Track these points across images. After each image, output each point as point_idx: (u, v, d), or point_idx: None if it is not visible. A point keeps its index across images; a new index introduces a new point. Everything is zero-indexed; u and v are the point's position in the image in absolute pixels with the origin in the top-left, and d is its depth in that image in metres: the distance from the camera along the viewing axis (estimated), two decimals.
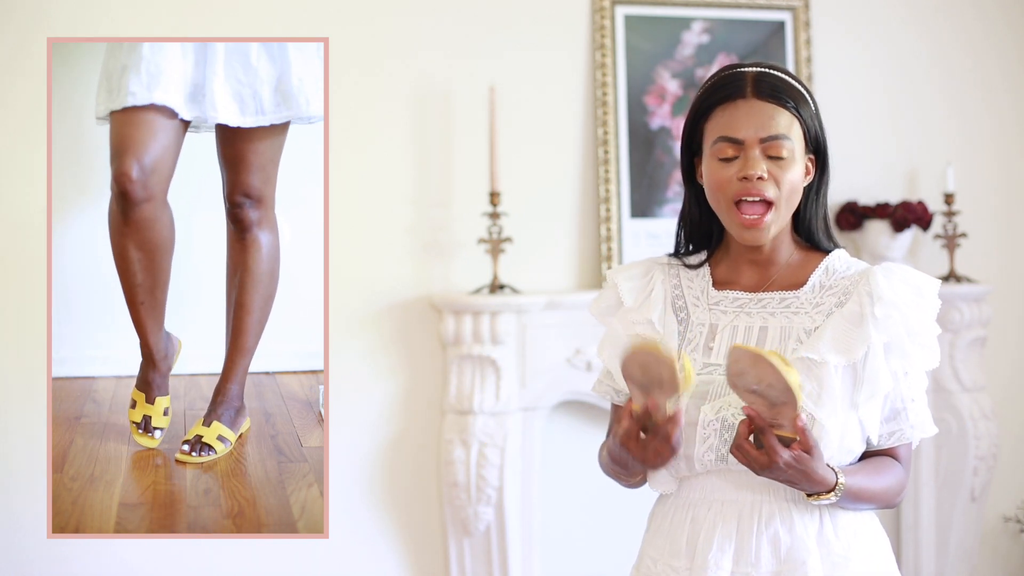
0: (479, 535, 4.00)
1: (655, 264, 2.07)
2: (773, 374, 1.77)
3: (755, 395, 1.80)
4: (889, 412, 1.96)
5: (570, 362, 4.04)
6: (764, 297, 1.99)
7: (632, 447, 1.86)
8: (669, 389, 1.81)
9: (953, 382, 4.39)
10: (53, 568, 3.76)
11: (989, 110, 4.62)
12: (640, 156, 4.21)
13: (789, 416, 1.80)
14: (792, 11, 4.39)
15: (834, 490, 1.88)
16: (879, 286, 1.93)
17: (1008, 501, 4.59)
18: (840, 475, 1.88)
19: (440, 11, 4.09)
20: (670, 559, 1.97)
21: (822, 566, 1.91)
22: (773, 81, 1.96)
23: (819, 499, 1.88)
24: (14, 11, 3.76)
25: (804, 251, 2.03)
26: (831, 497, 1.88)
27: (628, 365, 1.83)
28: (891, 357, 1.93)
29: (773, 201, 1.94)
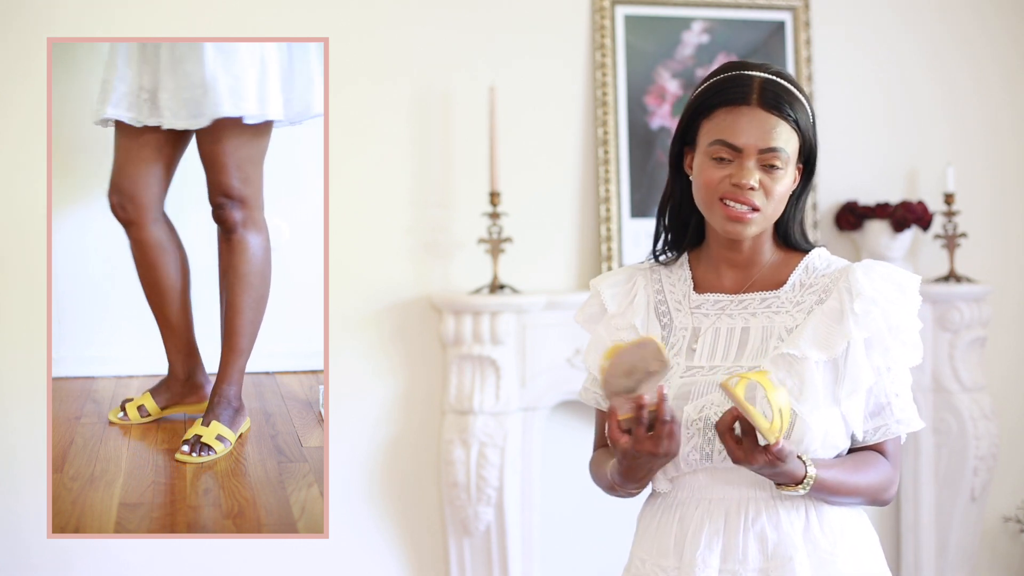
0: (479, 535, 4.00)
1: (637, 271, 2.09)
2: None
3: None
4: (874, 407, 1.97)
5: (570, 362, 4.04)
6: (745, 298, 2.01)
7: (643, 448, 1.87)
8: (657, 368, 1.84)
9: (953, 382, 4.39)
10: (53, 568, 3.76)
11: (989, 110, 4.62)
12: (640, 156, 4.21)
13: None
14: (792, 11, 4.39)
15: (802, 482, 1.88)
16: (859, 282, 1.95)
17: (1008, 501, 4.59)
18: (810, 467, 1.89)
19: (440, 11, 4.09)
20: (659, 559, 1.98)
21: (809, 562, 1.92)
22: (778, 91, 1.96)
23: (787, 490, 1.90)
24: (15, 11, 3.76)
25: (783, 251, 2.05)
26: (799, 490, 1.89)
27: (613, 376, 1.84)
28: (872, 353, 1.94)
29: (760, 209, 1.96)
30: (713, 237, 2.04)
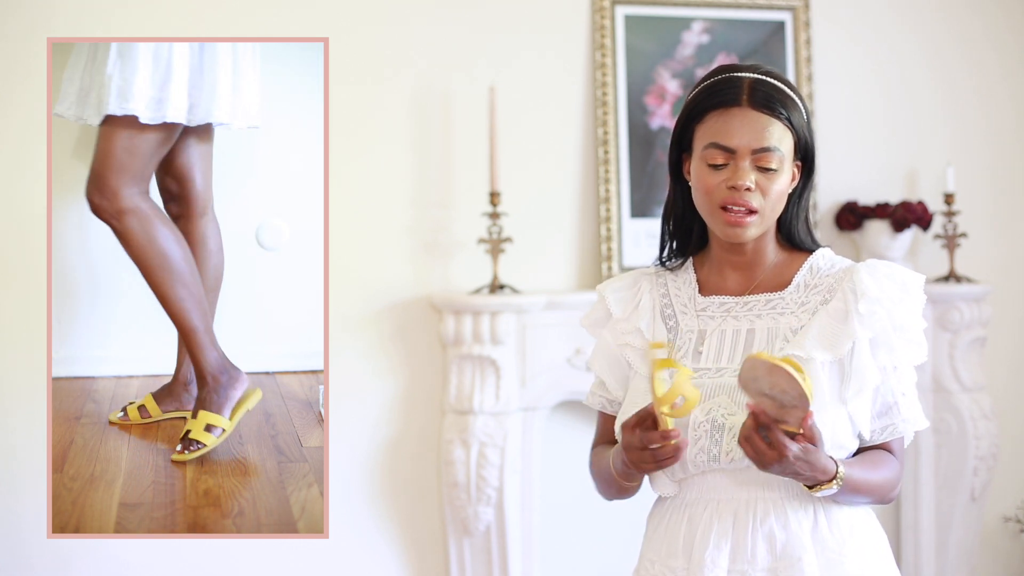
0: (479, 535, 4.00)
1: (642, 275, 2.10)
2: (788, 381, 1.79)
3: (766, 397, 1.82)
4: (881, 407, 1.97)
5: (570, 362, 4.04)
6: (750, 300, 2.02)
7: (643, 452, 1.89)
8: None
9: (953, 382, 4.39)
10: (53, 568, 3.76)
11: (989, 110, 4.62)
12: (640, 156, 4.21)
13: (798, 416, 1.82)
14: (792, 11, 4.39)
15: (835, 479, 1.88)
16: (863, 282, 1.95)
17: (1008, 501, 4.59)
18: (840, 465, 1.89)
19: (440, 10, 4.09)
20: (667, 559, 1.99)
21: (817, 562, 1.93)
22: (768, 90, 1.97)
23: (820, 490, 1.89)
24: (15, 11, 3.76)
25: (788, 252, 2.05)
26: (832, 487, 1.89)
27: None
28: (878, 352, 1.95)
29: (758, 210, 1.96)
30: (716, 240, 2.04)
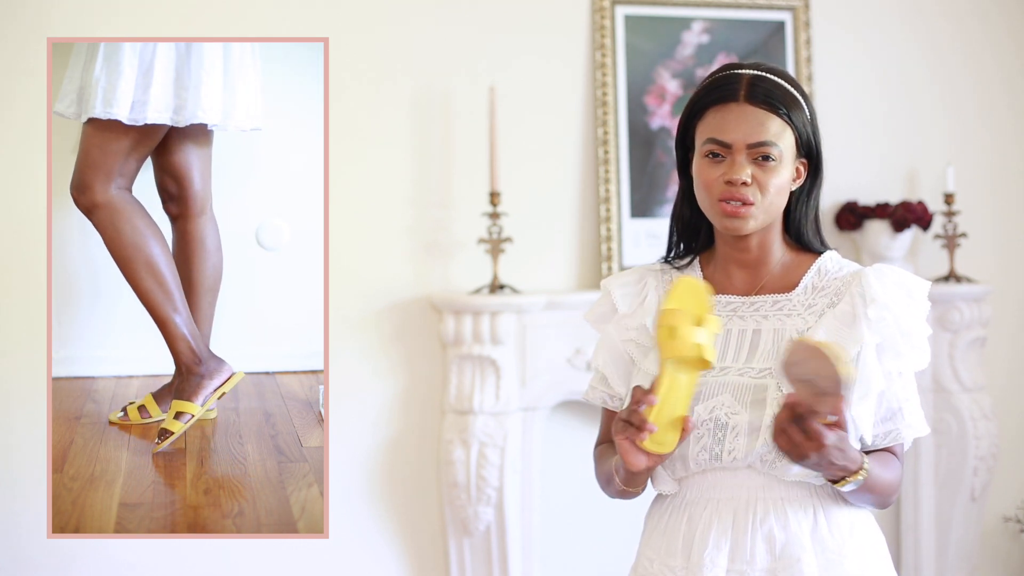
0: (479, 535, 4.00)
1: (648, 271, 2.09)
2: (829, 367, 1.78)
3: (803, 383, 1.82)
4: (885, 412, 1.97)
5: (570, 362, 4.04)
6: (757, 300, 2.01)
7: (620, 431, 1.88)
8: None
9: (953, 382, 4.39)
10: (53, 568, 3.76)
11: (989, 110, 4.62)
12: (640, 156, 4.21)
13: (830, 404, 1.81)
14: (792, 11, 4.39)
15: (861, 470, 1.89)
16: (872, 288, 1.95)
17: (1008, 501, 4.59)
18: (863, 457, 1.90)
19: (440, 11, 4.09)
20: (666, 558, 1.99)
21: (816, 563, 1.93)
22: (767, 86, 1.97)
23: (846, 483, 1.89)
24: (15, 11, 3.76)
25: (795, 253, 2.05)
26: (859, 477, 1.89)
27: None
28: (884, 358, 1.95)
29: (754, 203, 1.96)
30: (720, 237, 2.04)
